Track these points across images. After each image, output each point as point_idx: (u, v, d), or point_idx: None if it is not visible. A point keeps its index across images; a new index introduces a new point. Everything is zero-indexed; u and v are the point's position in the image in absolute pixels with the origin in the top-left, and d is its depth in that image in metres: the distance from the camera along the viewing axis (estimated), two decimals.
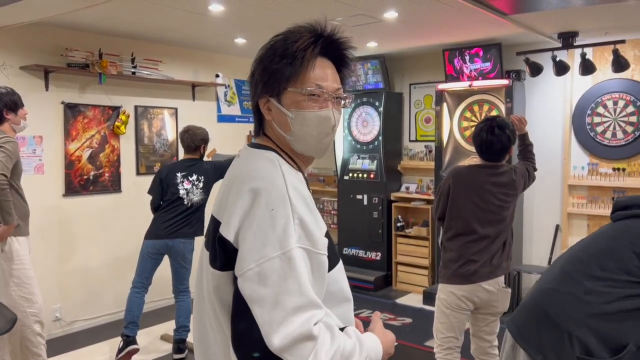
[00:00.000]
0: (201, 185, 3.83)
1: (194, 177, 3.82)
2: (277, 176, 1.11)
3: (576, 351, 1.48)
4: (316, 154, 1.24)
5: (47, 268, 4.26)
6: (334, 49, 1.22)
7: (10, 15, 3.64)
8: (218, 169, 3.90)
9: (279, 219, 1.05)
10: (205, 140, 3.93)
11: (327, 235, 1.14)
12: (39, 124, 4.18)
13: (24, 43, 4.13)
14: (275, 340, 0.98)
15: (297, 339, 0.99)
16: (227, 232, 1.09)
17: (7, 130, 3.09)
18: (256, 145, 1.23)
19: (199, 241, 2.57)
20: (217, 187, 3.97)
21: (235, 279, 1.07)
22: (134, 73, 4.69)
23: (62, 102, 4.34)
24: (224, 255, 1.10)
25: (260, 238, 1.03)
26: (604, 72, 4.61)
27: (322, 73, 1.19)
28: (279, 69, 1.15)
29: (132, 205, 4.71)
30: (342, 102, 1.23)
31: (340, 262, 1.22)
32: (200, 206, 3.85)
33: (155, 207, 3.86)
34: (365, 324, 1.26)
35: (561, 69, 4.53)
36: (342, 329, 1.12)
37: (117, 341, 3.74)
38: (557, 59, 4.53)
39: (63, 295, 4.37)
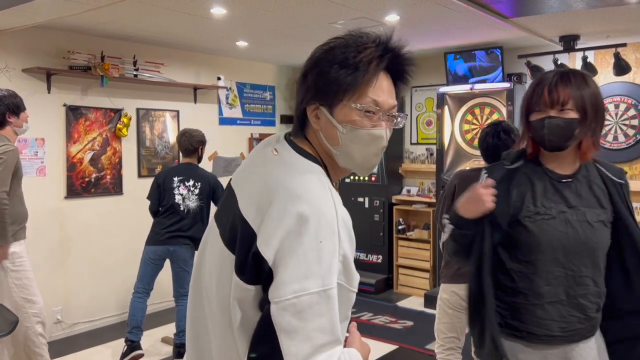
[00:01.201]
0: (197, 191, 3.77)
1: (191, 182, 3.78)
2: (328, 203, 1.05)
3: None
4: (360, 171, 1.19)
5: (48, 270, 4.26)
6: (397, 64, 1.14)
7: (13, 18, 3.66)
8: (215, 189, 3.84)
9: (326, 253, 1.01)
10: (202, 142, 3.90)
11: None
12: (41, 126, 4.19)
13: (26, 46, 4.14)
14: None
15: None
16: (266, 250, 1.02)
17: (8, 134, 3.10)
18: (298, 148, 1.14)
19: None
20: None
21: (262, 297, 1.05)
22: (135, 76, 4.71)
23: (64, 105, 4.35)
24: (255, 271, 1.05)
25: (303, 269, 1.00)
26: (606, 75, 4.61)
27: (381, 89, 1.11)
28: (337, 78, 1.07)
29: (134, 207, 4.71)
30: (395, 120, 1.15)
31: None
32: (197, 213, 3.78)
33: (154, 212, 3.85)
34: (359, 326, 1.25)
35: None
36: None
37: (119, 344, 3.74)
38: (559, 62, 4.53)
39: (64, 298, 4.37)
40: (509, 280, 1.63)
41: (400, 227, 5.62)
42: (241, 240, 1.07)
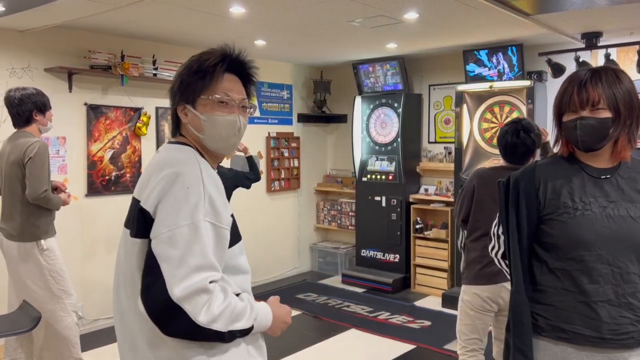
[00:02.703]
0: None
1: None
2: (193, 163, 1.34)
3: None
4: (225, 151, 1.48)
5: (69, 267, 4.30)
6: (240, 68, 1.47)
7: (35, 18, 3.72)
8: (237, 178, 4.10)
9: (192, 195, 1.27)
10: None
11: (232, 216, 1.38)
12: (63, 125, 4.25)
13: (48, 45, 4.21)
14: (176, 291, 1.21)
15: (194, 291, 1.21)
16: (147, 204, 1.30)
17: (34, 131, 3.15)
18: (174, 142, 1.46)
19: None
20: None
21: (149, 242, 1.28)
22: (155, 75, 4.75)
23: (85, 104, 4.41)
24: (143, 224, 1.31)
25: (175, 209, 1.26)
26: (628, 73, 4.50)
27: (229, 85, 1.44)
28: (193, 81, 1.41)
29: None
30: (247, 110, 1.49)
31: (242, 241, 1.44)
32: None
33: None
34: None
35: None
36: (237, 295, 1.34)
37: None
38: (580, 59, 4.46)
39: (85, 294, 4.43)
40: (553, 280, 1.56)
41: (417, 227, 5.59)
42: (132, 212, 1.37)
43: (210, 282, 1.24)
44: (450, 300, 5.01)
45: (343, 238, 6.60)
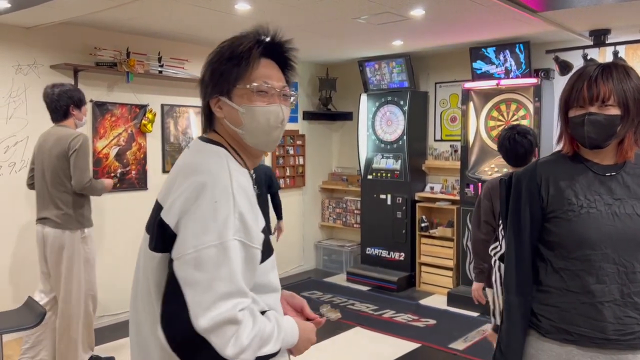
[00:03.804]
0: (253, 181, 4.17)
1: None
2: (224, 172, 1.19)
3: None
4: (266, 147, 1.33)
5: None
6: (277, 52, 1.32)
7: (41, 15, 3.72)
8: (272, 177, 4.39)
9: (221, 212, 1.12)
10: None
11: (265, 230, 1.23)
12: None
13: (54, 42, 4.21)
14: (202, 321, 1.06)
15: (222, 322, 1.07)
16: (168, 216, 1.16)
17: (71, 125, 3.37)
18: (205, 139, 1.31)
19: None
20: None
21: (170, 262, 1.14)
22: (160, 72, 4.75)
23: (91, 100, 4.41)
24: (161, 238, 1.17)
25: (201, 226, 1.11)
26: (637, 70, 4.47)
27: (267, 71, 1.28)
28: (227, 69, 1.25)
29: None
30: (290, 99, 1.33)
31: (273, 255, 1.29)
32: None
33: None
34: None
35: None
36: (263, 312, 1.20)
37: None
38: (588, 57, 4.42)
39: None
40: (557, 280, 1.54)
41: (423, 225, 5.57)
42: (152, 218, 1.23)
43: (240, 310, 1.10)
44: (456, 299, 4.99)
45: (348, 236, 6.59)
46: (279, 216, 4.64)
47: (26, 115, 4.09)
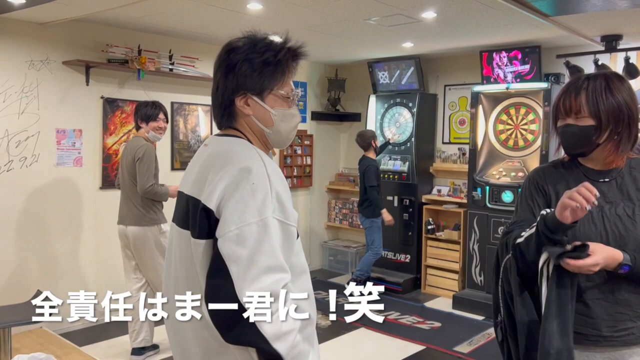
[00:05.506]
0: (359, 173, 5.26)
1: (358, 166, 5.31)
2: (257, 159, 1.27)
3: None
4: (283, 145, 1.46)
5: (83, 258, 4.37)
6: (294, 60, 1.41)
7: (55, 11, 3.75)
8: (365, 171, 5.11)
9: (259, 192, 1.21)
10: (373, 137, 5.25)
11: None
12: (79, 118, 4.30)
13: (66, 39, 4.25)
14: (246, 293, 1.14)
15: (264, 295, 1.14)
16: (210, 202, 1.22)
17: (143, 136, 3.68)
18: (224, 135, 1.38)
19: None
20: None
21: (215, 242, 1.20)
22: (171, 70, 4.77)
23: (102, 97, 4.45)
24: (207, 224, 1.23)
25: (241, 206, 1.19)
26: None
27: (291, 79, 1.40)
28: (268, 72, 1.33)
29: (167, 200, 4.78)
30: (297, 102, 1.45)
31: (299, 238, 1.35)
32: (362, 188, 5.22)
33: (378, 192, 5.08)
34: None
35: None
36: (304, 299, 1.28)
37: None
38: (599, 62, 4.40)
39: (98, 285, 4.47)
40: None
41: (429, 227, 5.56)
42: (192, 212, 1.27)
43: (282, 286, 1.17)
44: (461, 302, 4.98)
45: (354, 237, 6.59)
46: None
47: (38, 110, 4.12)
